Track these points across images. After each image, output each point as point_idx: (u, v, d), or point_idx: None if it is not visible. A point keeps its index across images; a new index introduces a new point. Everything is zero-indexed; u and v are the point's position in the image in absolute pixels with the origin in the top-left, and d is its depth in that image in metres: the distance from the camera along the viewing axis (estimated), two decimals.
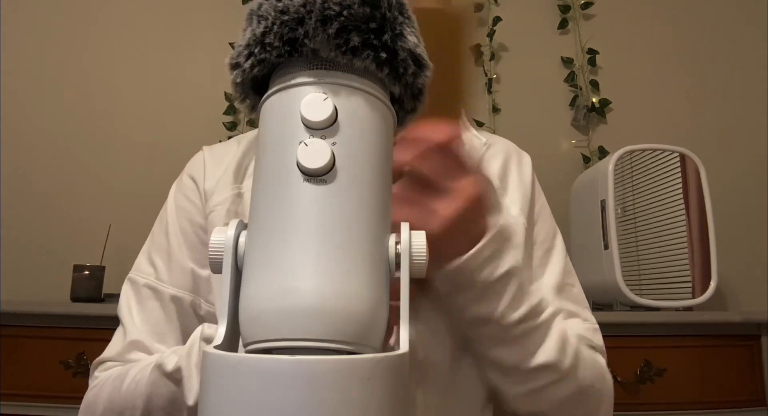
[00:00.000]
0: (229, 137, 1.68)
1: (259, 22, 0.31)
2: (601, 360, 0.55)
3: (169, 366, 0.45)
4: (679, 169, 1.39)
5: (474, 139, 0.63)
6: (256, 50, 0.31)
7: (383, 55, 0.30)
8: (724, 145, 1.70)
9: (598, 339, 0.57)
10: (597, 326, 0.58)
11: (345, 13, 0.29)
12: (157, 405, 0.47)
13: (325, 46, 0.30)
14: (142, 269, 0.61)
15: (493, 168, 0.61)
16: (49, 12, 1.74)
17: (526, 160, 0.65)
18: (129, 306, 0.58)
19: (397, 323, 0.30)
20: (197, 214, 0.61)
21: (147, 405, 0.47)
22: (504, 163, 0.62)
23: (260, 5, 0.31)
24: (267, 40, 0.30)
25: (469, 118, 0.62)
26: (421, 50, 0.32)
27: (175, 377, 0.45)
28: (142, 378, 0.48)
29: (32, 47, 1.73)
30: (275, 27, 0.30)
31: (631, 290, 1.28)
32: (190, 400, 0.43)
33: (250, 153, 0.62)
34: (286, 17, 0.30)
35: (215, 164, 0.63)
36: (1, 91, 1.68)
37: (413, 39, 0.32)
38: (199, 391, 0.27)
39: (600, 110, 1.73)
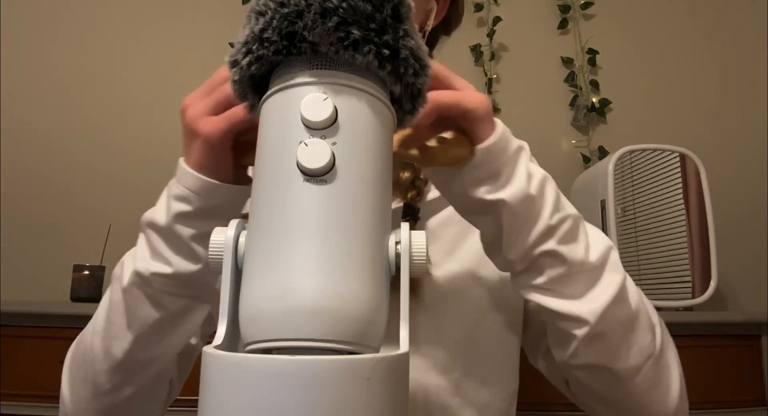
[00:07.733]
0: None
1: (257, 19, 0.30)
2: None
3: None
4: (679, 169, 1.39)
5: None
6: (253, 47, 0.30)
7: (386, 51, 0.30)
8: (724, 145, 1.70)
9: None
10: None
11: (344, 5, 0.29)
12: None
13: (325, 39, 0.29)
14: None
15: None
16: (49, 11, 1.74)
17: None
18: None
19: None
20: None
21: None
22: None
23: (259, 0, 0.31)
24: (265, 36, 0.30)
25: None
26: (422, 51, 0.32)
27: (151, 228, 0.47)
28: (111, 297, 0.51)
29: (31, 47, 1.73)
30: (274, 21, 0.30)
31: None
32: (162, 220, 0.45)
33: None
34: (285, 10, 0.29)
35: None
36: (0, 90, 1.68)
37: (414, 40, 0.31)
38: (202, 383, 0.27)
39: (600, 110, 1.73)
